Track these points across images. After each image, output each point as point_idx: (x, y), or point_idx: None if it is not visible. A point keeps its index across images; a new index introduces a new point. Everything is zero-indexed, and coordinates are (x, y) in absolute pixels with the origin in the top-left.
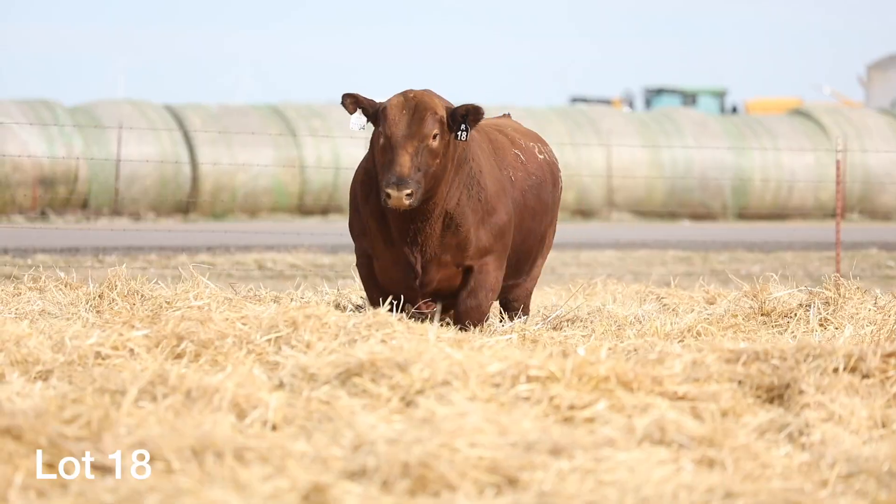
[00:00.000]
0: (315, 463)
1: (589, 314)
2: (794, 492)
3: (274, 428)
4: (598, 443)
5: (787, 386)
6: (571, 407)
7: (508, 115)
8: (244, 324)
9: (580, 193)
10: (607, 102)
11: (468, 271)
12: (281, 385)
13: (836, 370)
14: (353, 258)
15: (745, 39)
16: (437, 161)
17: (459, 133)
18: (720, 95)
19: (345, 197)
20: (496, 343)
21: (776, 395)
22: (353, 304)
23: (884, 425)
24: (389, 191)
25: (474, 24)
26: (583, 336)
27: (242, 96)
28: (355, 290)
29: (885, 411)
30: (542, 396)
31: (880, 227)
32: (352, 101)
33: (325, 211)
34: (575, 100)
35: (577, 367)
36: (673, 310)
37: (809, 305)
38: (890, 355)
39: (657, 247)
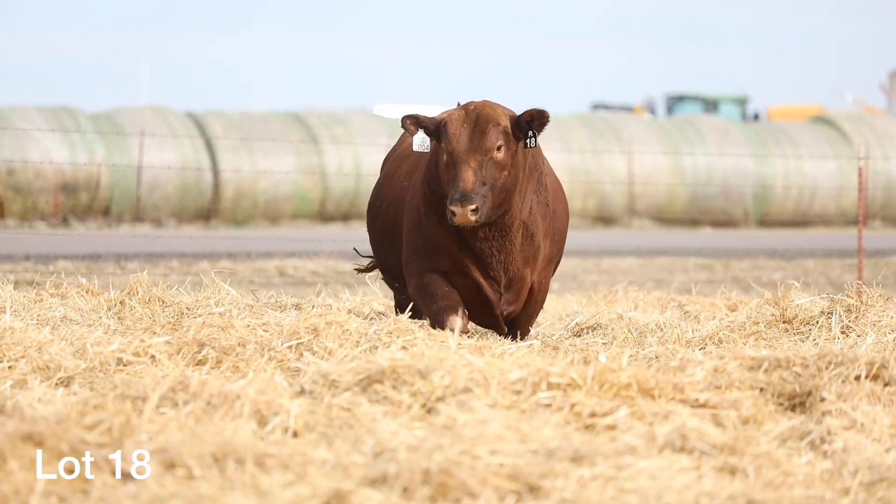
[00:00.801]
0: (336, 470)
1: (610, 321)
2: (816, 500)
3: (295, 435)
4: (619, 450)
5: (809, 393)
6: (592, 414)
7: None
8: (265, 330)
9: (601, 200)
10: (629, 109)
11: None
12: (302, 392)
13: (857, 378)
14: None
15: (767, 46)
16: (506, 173)
17: (528, 140)
18: (742, 102)
19: (366, 204)
20: (517, 350)
21: (798, 402)
22: (374, 311)
23: None
24: (454, 208)
25: (497, 31)
26: (603, 343)
27: (264, 103)
28: (377, 297)
29: None
30: (563, 403)
31: None
32: (412, 122)
33: (346, 217)
34: (596, 107)
35: (598, 374)
36: (695, 317)
37: (831, 313)
38: None
39: (678, 254)
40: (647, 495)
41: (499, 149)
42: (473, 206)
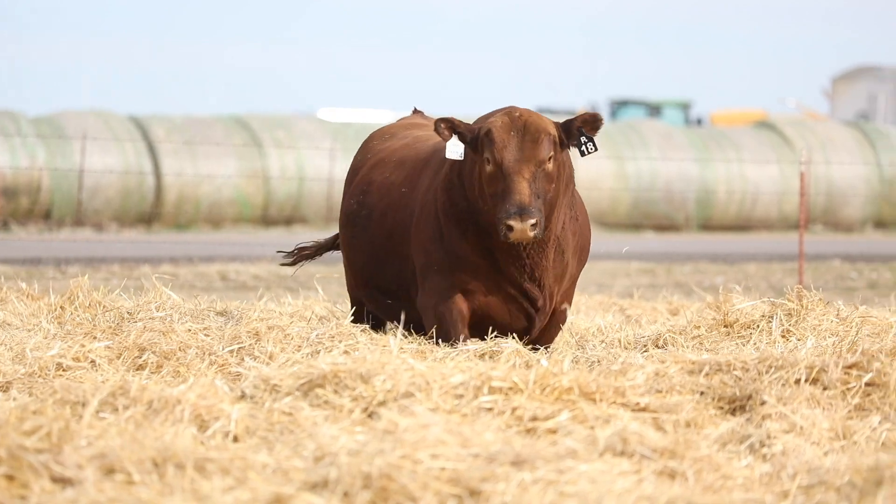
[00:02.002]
0: (276, 475)
1: None
2: (755, 503)
3: (235, 439)
4: (560, 454)
5: (749, 397)
6: (534, 418)
7: (420, 111)
8: (206, 335)
9: None
10: (571, 114)
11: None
12: (243, 396)
13: (797, 381)
14: (316, 270)
15: (710, 52)
16: (553, 185)
17: (584, 146)
18: (685, 107)
19: (309, 208)
20: (458, 355)
21: (738, 406)
22: (316, 316)
23: (845, 437)
24: (512, 223)
25: (443, 36)
26: (545, 347)
27: (207, 107)
28: (318, 301)
29: (846, 423)
30: (505, 408)
31: (843, 239)
32: (447, 127)
33: (289, 222)
34: (540, 111)
35: (539, 378)
36: (636, 321)
37: (772, 317)
38: (851, 367)
39: (621, 258)
40: (588, 499)
41: (549, 159)
42: (534, 221)
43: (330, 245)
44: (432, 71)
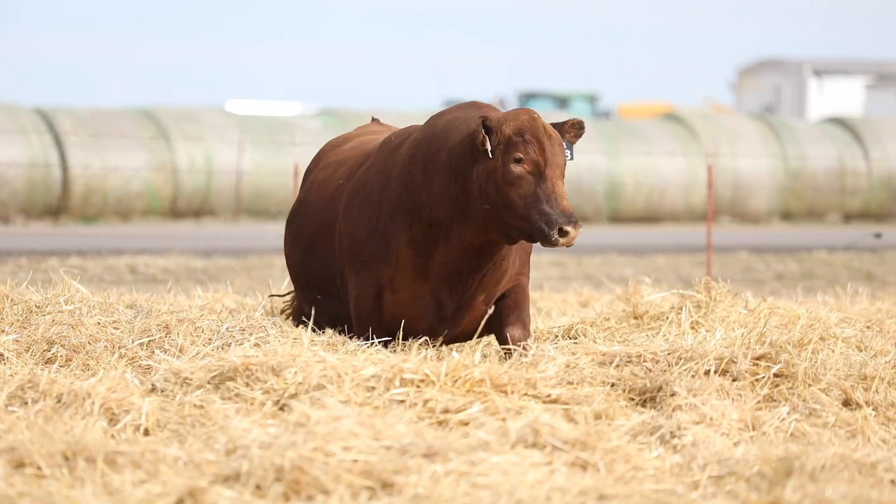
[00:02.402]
0: (188, 468)
1: None
2: (666, 493)
3: (146, 433)
4: (472, 446)
5: (660, 388)
6: (446, 410)
7: (378, 119)
8: (116, 328)
9: None
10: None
11: (501, 297)
12: (153, 389)
13: (707, 373)
14: (226, 262)
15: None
16: None
17: (564, 153)
18: (592, 100)
19: (218, 200)
20: (370, 347)
21: (649, 397)
22: (226, 308)
23: (753, 427)
24: (569, 228)
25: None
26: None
27: (114, 99)
28: (228, 293)
29: (755, 413)
30: (417, 400)
31: (750, 230)
32: (485, 125)
33: (197, 214)
34: (449, 103)
35: (451, 370)
36: (547, 313)
37: (681, 308)
38: (760, 358)
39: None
40: (500, 491)
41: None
42: (581, 228)
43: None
44: (340, 62)
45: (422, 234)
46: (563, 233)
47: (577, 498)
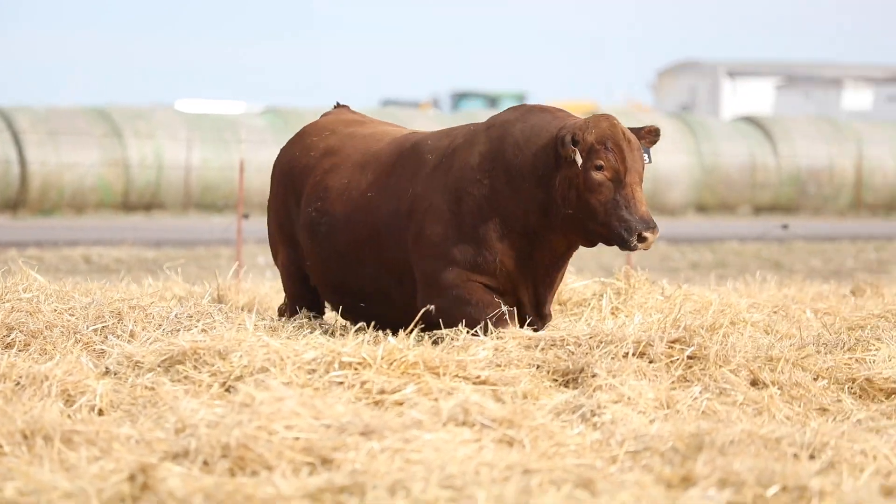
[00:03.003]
0: (140, 445)
1: None
2: (586, 468)
3: (101, 413)
4: (406, 424)
5: (582, 370)
6: (382, 391)
7: (347, 106)
8: (72, 315)
9: None
10: (416, 105)
11: None
12: (107, 372)
13: (626, 355)
14: (175, 252)
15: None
16: None
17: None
18: (521, 99)
19: (167, 194)
20: (311, 331)
21: (571, 378)
22: (175, 296)
23: (668, 406)
24: (647, 234)
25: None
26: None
27: (70, 99)
28: (177, 282)
29: (670, 393)
30: (355, 381)
31: (667, 222)
32: (573, 140)
33: (148, 207)
34: (387, 103)
35: (387, 353)
36: None
37: (602, 295)
38: (675, 341)
39: None
40: (432, 466)
41: None
42: (658, 233)
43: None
44: (282, 62)
45: (518, 243)
46: (641, 238)
47: (504, 472)
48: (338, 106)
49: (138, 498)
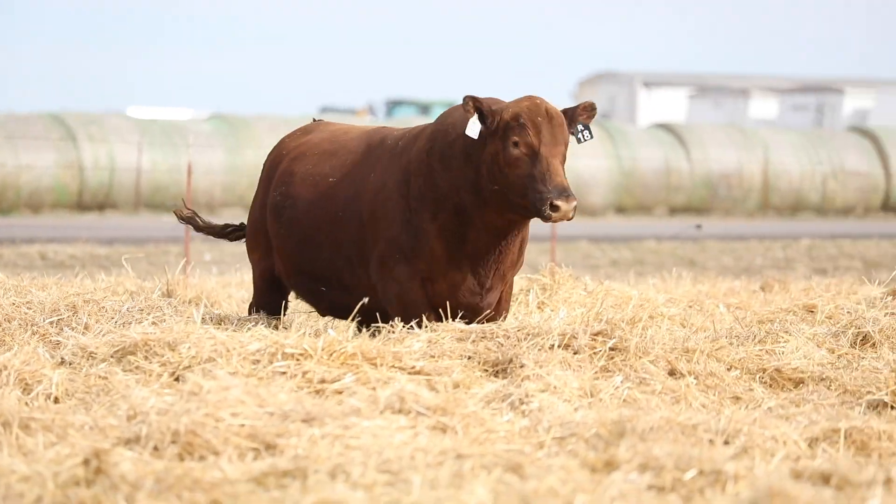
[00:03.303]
0: (94, 432)
1: None
2: (515, 453)
3: (56, 401)
4: (345, 412)
5: (510, 361)
6: (322, 381)
7: (321, 119)
8: (29, 308)
9: None
10: (353, 112)
11: None
12: (63, 362)
13: (551, 347)
14: (127, 249)
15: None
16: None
17: (581, 133)
18: (450, 106)
19: (119, 195)
20: (255, 324)
21: (501, 368)
22: (127, 291)
23: (592, 395)
24: (560, 203)
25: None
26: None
27: (26, 104)
28: (129, 278)
29: (593, 383)
30: (297, 371)
31: (588, 222)
32: (473, 104)
33: (101, 207)
34: (325, 109)
35: (327, 345)
36: None
37: (529, 290)
38: (597, 334)
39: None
40: (370, 451)
41: (566, 145)
42: (576, 203)
43: (216, 231)
44: (228, 71)
45: (450, 223)
46: (554, 207)
47: (438, 457)
48: (315, 121)
49: (92, 481)
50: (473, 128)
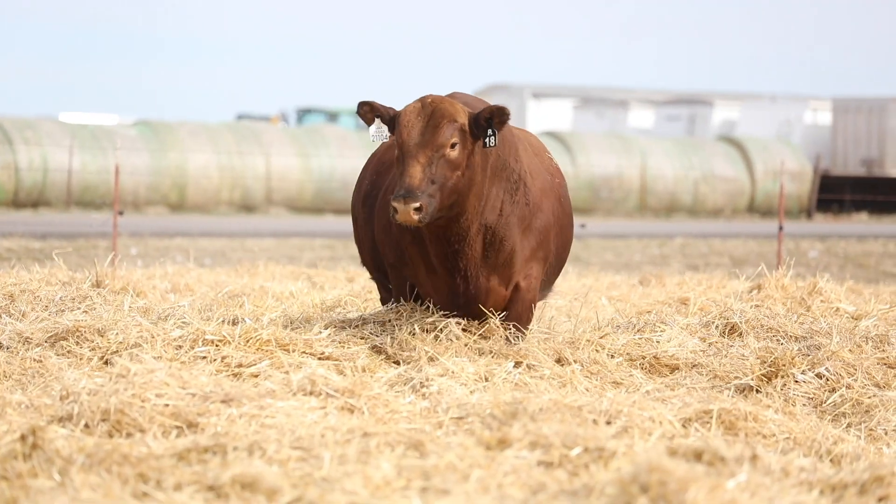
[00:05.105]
0: (30, 410)
1: (253, 291)
2: (417, 431)
3: None
4: (261, 394)
5: (414, 348)
6: (240, 365)
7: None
8: None
9: (245, 192)
10: (267, 119)
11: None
12: (1, 346)
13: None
14: (59, 243)
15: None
16: (459, 173)
17: (487, 139)
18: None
19: (52, 194)
20: (177, 312)
21: (402, 359)
22: (60, 282)
23: (486, 379)
24: (395, 204)
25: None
26: (253, 307)
27: None
28: (61, 269)
29: (488, 368)
30: (217, 356)
31: None
32: (368, 110)
33: (35, 205)
34: (241, 116)
35: (244, 332)
36: (321, 287)
37: None
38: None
39: (307, 236)
40: (284, 429)
41: (452, 146)
42: (417, 205)
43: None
44: (151, 79)
45: (416, 230)
46: (394, 210)
47: (346, 435)
48: None
49: (29, 456)
50: (378, 132)
